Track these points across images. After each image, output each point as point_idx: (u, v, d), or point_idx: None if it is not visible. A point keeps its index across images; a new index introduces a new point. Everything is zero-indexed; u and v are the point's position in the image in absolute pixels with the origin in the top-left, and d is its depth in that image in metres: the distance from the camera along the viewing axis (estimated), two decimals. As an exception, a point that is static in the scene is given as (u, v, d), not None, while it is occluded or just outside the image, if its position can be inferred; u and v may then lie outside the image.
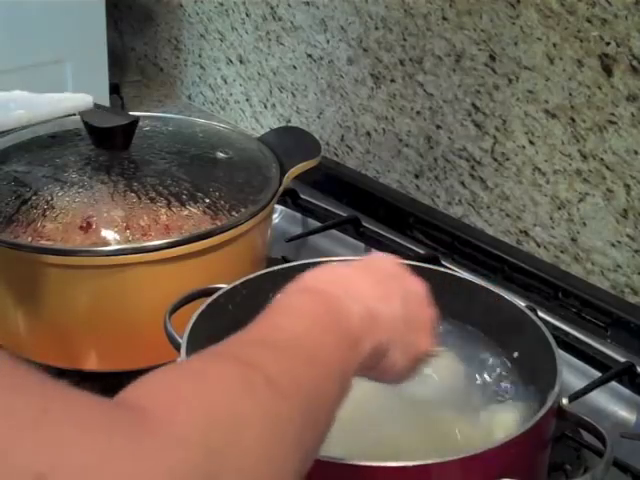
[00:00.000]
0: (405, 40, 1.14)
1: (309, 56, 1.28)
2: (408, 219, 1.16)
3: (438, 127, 1.13)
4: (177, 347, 0.72)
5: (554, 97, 0.99)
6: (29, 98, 0.90)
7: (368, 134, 1.23)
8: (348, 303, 0.55)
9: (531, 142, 1.03)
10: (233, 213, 0.91)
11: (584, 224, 1.00)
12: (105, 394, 0.38)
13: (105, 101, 1.37)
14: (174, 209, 0.89)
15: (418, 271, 0.82)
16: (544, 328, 0.74)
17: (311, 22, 1.26)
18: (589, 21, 0.93)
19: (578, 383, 0.88)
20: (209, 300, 0.76)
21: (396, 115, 1.18)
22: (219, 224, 0.89)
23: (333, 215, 1.19)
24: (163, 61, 1.61)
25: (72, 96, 0.93)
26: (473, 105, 1.08)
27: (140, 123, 0.96)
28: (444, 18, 1.08)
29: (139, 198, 0.89)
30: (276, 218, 1.18)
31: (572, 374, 0.91)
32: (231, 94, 1.46)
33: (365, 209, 1.19)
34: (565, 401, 0.69)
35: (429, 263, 0.88)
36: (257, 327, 0.52)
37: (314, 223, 1.20)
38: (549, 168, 1.02)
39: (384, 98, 1.19)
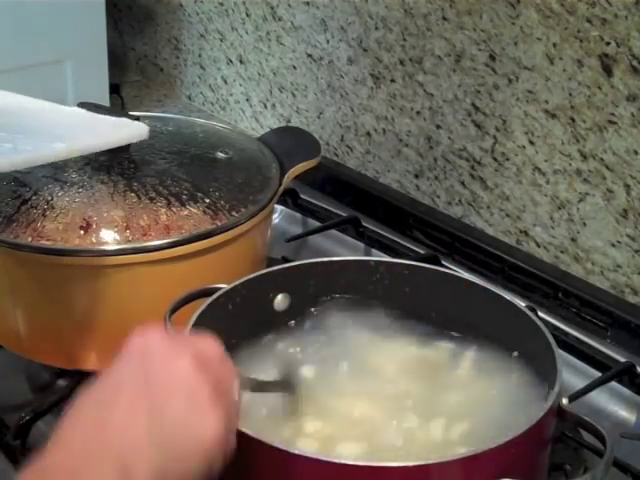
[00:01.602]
0: (405, 40, 1.14)
1: (309, 56, 1.28)
2: (408, 219, 1.16)
3: (438, 127, 1.13)
4: (177, 347, 0.72)
5: (554, 97, 0.99)
6: (81, 120, 0.85)
7: (368, 134, 1.23)
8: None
9: (531, 142, 1.03)
10: (233, 213, 0.91)
11: (584, 224, 1.00)
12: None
13: (105, 101, 1.37)
14: (174, 209, 0.89)
15: (418, 271, 0.83)
16: (544, 328, 0.74)
17: (311, 22, 1.26)
18: (589, 21, 0.93)
19: (578, 383, 0.88)
20: (209, 300, 0.76)
21: (396, 115, 1.18)
22: (219, 224, 0.89)
23: (333, 215, 1.19)
24: (163, 61, 1.61)
25: (128, 123, 0.89)
26: (473, 105, 1.08)
27: (140, 123, 0.96)
28: (444, 18, 1.08)
29: (139, 198, 0.89)
30: (276, 218, 1.18)
31: (572, 374, 0.91)
32: (231, 94, 1.46)
33: (365, 209, 1.19)
34: (565, 401, 0.68)
35: (429, 263, 0.88)
36: None
37: (314, 223, 1.20)
38: (549, 168, 1.02)
39: (384, 98, 1.19)
